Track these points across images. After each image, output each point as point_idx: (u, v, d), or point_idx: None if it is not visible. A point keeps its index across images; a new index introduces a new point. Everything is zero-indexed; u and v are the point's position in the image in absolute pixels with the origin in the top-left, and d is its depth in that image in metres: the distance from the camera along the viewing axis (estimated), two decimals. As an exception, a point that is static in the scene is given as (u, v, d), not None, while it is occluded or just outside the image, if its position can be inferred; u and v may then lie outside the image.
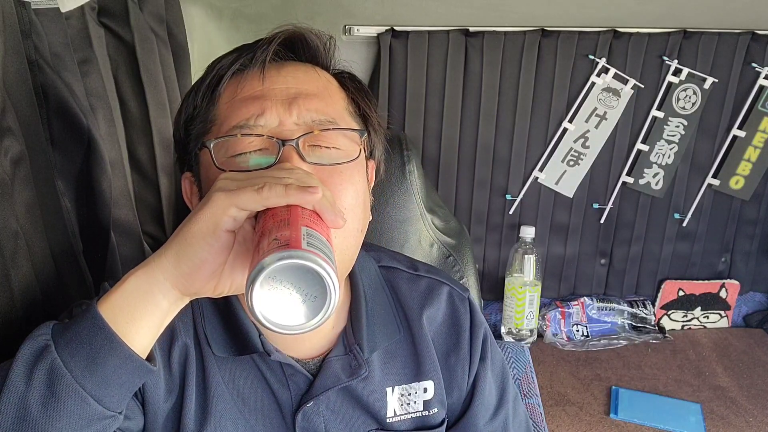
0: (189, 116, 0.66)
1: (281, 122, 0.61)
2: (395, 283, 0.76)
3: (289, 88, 0.63)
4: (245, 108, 0.62)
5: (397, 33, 1.43)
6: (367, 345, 0.69)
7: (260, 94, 0.62)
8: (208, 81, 0.65)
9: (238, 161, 0.60)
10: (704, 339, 1.64)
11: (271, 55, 0.64)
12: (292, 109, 0.61)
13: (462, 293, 0.78)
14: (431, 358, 0.73)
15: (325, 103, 0.64)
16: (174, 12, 1.07)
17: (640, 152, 1.57)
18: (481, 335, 0.77)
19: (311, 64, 0.68)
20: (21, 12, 0.71)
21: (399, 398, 0.72)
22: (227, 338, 0.67)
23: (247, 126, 0.60)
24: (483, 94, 1.49)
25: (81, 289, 0.81)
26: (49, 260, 0.72)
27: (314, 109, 0.62)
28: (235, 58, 0.65)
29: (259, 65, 0.63)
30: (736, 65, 1.51)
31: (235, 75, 0.64)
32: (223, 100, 0.64)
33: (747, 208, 1.64)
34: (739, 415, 1.34)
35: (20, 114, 0.70)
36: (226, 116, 0.63)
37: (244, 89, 0.63)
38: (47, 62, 0.76)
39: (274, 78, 0.63)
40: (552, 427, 1.28)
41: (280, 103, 0.61)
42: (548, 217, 1.61)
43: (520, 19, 1.43)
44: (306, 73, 0.66)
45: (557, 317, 1.63)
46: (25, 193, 0.69)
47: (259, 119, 0.61)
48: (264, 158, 0.60)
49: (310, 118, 0.61)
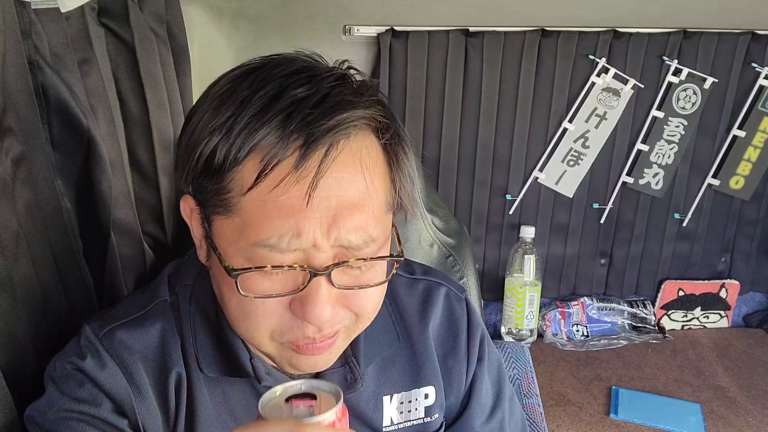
0: (203, 171, 0.56)
1: (316, 245, 0.54)
2: (393, 289, 0.75)
3: (330, 198, 0.53)
4: (279, 223, 0.53)
5: (397, 33, 1.43)
6: (364, 358, 0.68)
7: (299, 209, 0.52)
8: (242, 152, 0.53)
9: (263, 277, 0.55)
10: (704, 339, 1.64)
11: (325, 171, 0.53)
12: (331, 233, 0.54)
13: (459, 294, 0.77)
14: (431, 363, 0.72)
15: (365, 215, 0.55)
16: (174, 12, 1.07)
17: (640, 152, 1.57)
18: (479, 336, 0.76)
19: (361, 136, 0.56)
20: (21, 12, 0.71)
21: (398, 406, 0.71)
22: (219, 359, 0.65)
23: (278, 248, 0.53)
24: (483, 94, 1.49)
25: (81, 289, 0.81)
26: (49, 260, 0.73)
27: (354, 228, 0.54)
28: (276, 147, 0.52)
29: (308, 178, 0.52)
30: (736, 65, 1.51)
31: (278, 164, 0.52)
32: (255, 193, 0.53)
33: (747, 208, 1.64)
34: (739, 415, 1.34)
35: (20, 114, 0.70)
36: (252, 220, 0.54)
37: (284, 193, 0.52)
38: (47, 62, 0.76)
39: (320, 183, 0.53)
40: (552, 427, 1.28)
41: (319, 223, 0.53)
42: (548, 217, 1.61)
43: (520, 19, 1.43)
44: (353, 170, 0.55)
45: (557, 317, 1.63)
46: (26, 193, 0.69)
47: (293, 241, 0.53)
48: (288, 282, 0.56)
49: (348, 242, 0.55)
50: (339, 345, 0.62)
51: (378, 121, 0.57)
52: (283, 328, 0.58)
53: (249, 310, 0.57)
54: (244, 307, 0.57)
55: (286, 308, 0.57)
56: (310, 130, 0.52)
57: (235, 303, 0.58)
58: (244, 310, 0.58)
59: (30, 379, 0.66)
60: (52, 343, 0.70)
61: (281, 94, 0.53)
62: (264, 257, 0.54)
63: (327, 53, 1.73)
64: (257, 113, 0.53)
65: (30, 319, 0.67)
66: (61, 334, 0.72)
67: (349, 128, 0.54)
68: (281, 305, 0.57)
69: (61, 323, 0.73)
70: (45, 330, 0.70)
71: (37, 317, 0.68)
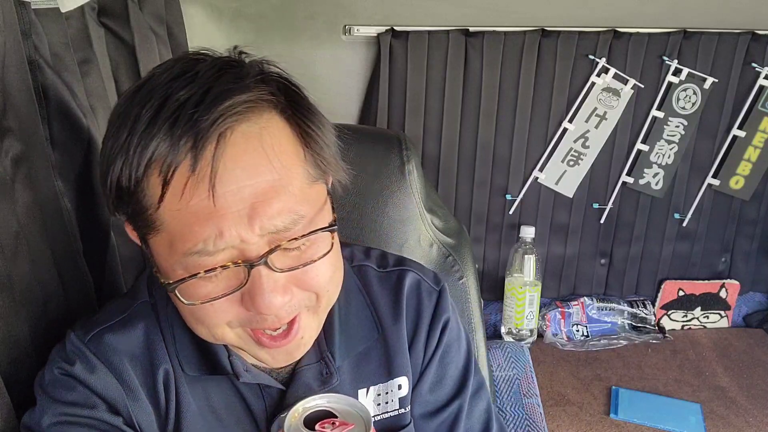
0: (121, 195, 0.55)
1: (243, 239, 0.53)
2: (367, 282, 0.74)
3: (242, 189, 0.52)
4: (199, 228, 0.52)
5: (397, 33, 1.43)
6: (339, 353, 0.68)
7: (212, 210, 0.52)
8: (135, 168, 0.52)
9: (203, 283, 0.55)
10: (704, 339, 1.64)
11: (220, 162, 0.51)
12: (254, 223, 0.52)
13: (433, 286, 0.76)
14: (403, 353, 0.72)
15: (284, 196, 0.54)
16: (174, 12, 1.07)
17: (640, 152, 1.57)
18: (440, 324, 0.74)
19: (258, 117, 0.55)
20: (21, 12, 0.71)
21: (375, 398, 0.71)
22: (198, 357, 0.66)
23: (206, 252, 0.53)
24: (483, 94, 1.49)
25: (81, 289, 0.81)
26: (49, 260, 0.73)
27: (276, 212, 0.53)
28: (169, 149, 0.51)
29: (206, 176, 0.51)
30: (736, 65, 1.51)
31: (178, 172, 0.51)
32: (167, 204, 0.52)
33: (747, 208, 1.64)
34: (739, 415, 1.34)
35: (20, 114, 0.70)
36: (174, 231, 0.53)
37: (192, 198, 0.52)
38: (47, 62, 0.76)
39: (223, 179, 0.51)
40: (552, 427, 1.28)
41: (238, 217, 0.52)
42: (548, 217, 1.61)
43: (520, 19, 1.43)
44: (257, 154, 0.53)
45: (557, 317, 1.63)
46: (26, 194, 0.69)
47: (218, 242, 0.52)
48: (231, 280, 0.55)
49: (273, 227, 0.53)
50: (308, 326, 0.61)
51: (270, 98, 0.55)
52: (241, 319, 0.57)
53: (201, 315, 0.57)
54: (195, 312, 0.57)
55: (237, 304, 0.56)
56: (197, 129, 0.51)
57: (187, 311, 0.58)
58: (196, 315, 0.57)
59: (29, 380, 0.66)
60: (51, 344, 0.70)
61: (166, 102, 0.52)
62: (196, 264, 0.53)
63: (327, 53, 1.74)
64: (146, 127, 0.52)
65: (29, 320, 0.67)
66: (60, 335, 0.72)
67: (235, 116, 0.52)
68: (231, 303, 0.56)
69: (61, 324, 0.73)
70: (44, 330, 0.70)
71: (36, 317, 0.68)
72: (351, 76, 1.51)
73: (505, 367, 1.30)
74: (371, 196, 0.93)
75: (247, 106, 0.53)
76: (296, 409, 0.50)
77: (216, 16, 1.37)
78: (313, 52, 1.46)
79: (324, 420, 0.50)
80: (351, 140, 0.94)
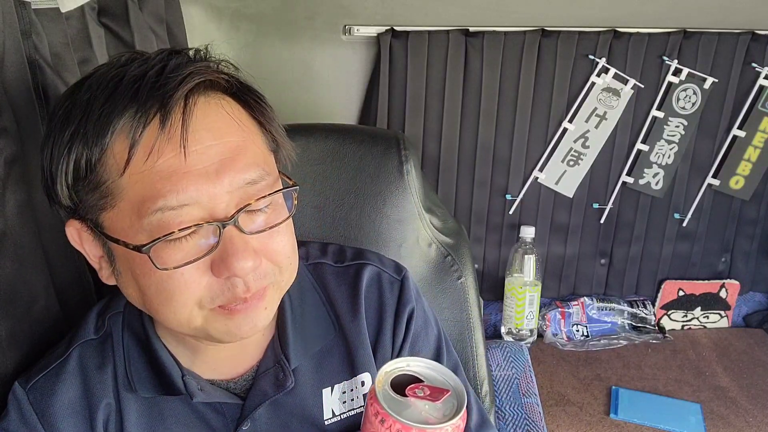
0: (79, 178, 0.55)
1: (212, 196, 0.54)
2: (324, 280, 0.74)
3: (210, 147, 0.54)
4: (164, 184, 0.53)
5: (397, 33, 1.43)
6: (294, 354, 0.68)
7: (180, 165, 0.53)
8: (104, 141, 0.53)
9: (173, 245, 0.54)
10: (704, 339, 1.64)
11: (188, 115, 0.54)
12: (222, 178, 0.54)
13: (394, 276, 0.75)
14: (365, 349, 0.71)
15: (250, 154, 0.57)
16: (174, 12, 1.08)
17: (640, 152, 1.57)
18: (405, 316, 0.73)
19: (214, 94, 0.58)
20: (21, 12, 0.71)
21: (341, 396, 0.70)
22: (152, 379, 0.66)
23: (168, 207, 0.53)
24: (483, 94, 1.49)
25: (80, 289, 0.81)
26: (40, 261, 0.73)
27: (243, 167, 0.56)
28: (136, 114, 0.53)
29: (177, 132, 0.53)
30: (736, 65, 1.51)
31: (144, 136, 0.53)
32: (132, 170, 0.53)
33: (747, 208, 1.64)
34: (739, 415, 1.34)
35: (20, 114, 0.70)
36: (137, 192, 0.53)
37: (159, 158, 0.53)
38: (47, 62, 0.76)
39: (190, 139, 0.53)
40: (552, 427, 1.28)
41: (205, 173, 0.54)
42: (548, 217, 1.61)
43: (520, 19, 1.43)
44: (219, 117, 0.57)
45: (557, 317, 1.63)
46: (18, 194, 0.69)
47: (182, 195, 0.53)
48: (200, 243, 0.55)
49: (243, 182, 0.56)
50: (271, 299, 0.61)
51: (223, 78, 0.59)
52: (212, 293, 0.57)
53: (171, 288, 0.56)
54: (165, 286, 0.56)
55: (207, 273, 0.56)
56: (162, 94, 0.53)
57: (155, 288, 0.56)
58: (166, 289, 0.56)
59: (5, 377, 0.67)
60: (34, 344, 0.71)
61: (122, 80, 0.54)
62: (161, 223, 0.53)
63: (327, 53, 1.75)
64: (106, 102, 0.53)
65: (9, 319, 0.67)
66: (43, 333, 0.73)
67: (195, 87, 0.55)
68: (201, 272, 0.56)
69: (46, 323, 0.73)
70: (27, 329, 0.70)
71: (17, 317, 0.68)
72: (351, 76, 1.51)
73: (504, 367, 1.30)
74: (370, 196, 0.93)
75: (204, 78, 0.56)
76: (380, 377, 0.50)
77: (216, 16, 1.37)
78: (313, 52, 1.46)
79: (412, 385, 0.50)
80: (350, 141, 0.94)
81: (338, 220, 0.93)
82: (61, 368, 0.66)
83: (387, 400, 0.48)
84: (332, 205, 0.93)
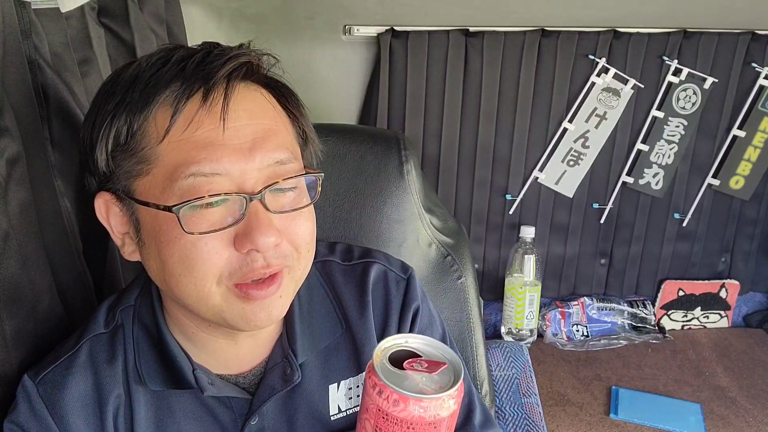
0: (119, 146, 0.59)
1: (243, 170, 0.57)
2: (332, 277, 0.75)
3: (245, 126, 0.58)
4: (200, 153, 0.56)
5: (397, 33, 1.43)
6: (302, 349, 0.68)
7: (217, 138, 0.56)
8: (149, 110, 0.57)
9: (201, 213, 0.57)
10: (704, 339, 1.64)
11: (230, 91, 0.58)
12: (254, 155, 0.58)
13: (400, 275, 0.76)
14: (371, 346, 0.72)
15: (281, 137, 0.61)
16: (174, 12, 1.08)
17: (640, 152, 1.57)
18: (410, 314, 0.74)
19: (254, 84, 0.62)
20: (21, 12, 0.71)
21: (347, 392, 0.71)
22: (162, 373, 0.66)
23: (200, 173, 0.56)
24: (483, 94, 1.49)
25: (80, 289, 0.81)
26: (43, 260, 0.72)
27: (274, 148, 0.59)
28: (182, 89, 0.57)
29: (218, 105, 0.57)
30: (736, 65, 1.51)
31: (185, 109, 0.57)
32: (170, 138, 0.57)
33: (747, 208, 1.64)
34: (739, 415, 1.34)
35: (20, 114, 0.70)
36: (174, 159, 0.56)
37: (198, 129, 0.56)
38: (47, 62, 0.76)
39: (229, 115, 0.57)
40: (552, 427, 1.28)
41: (239, 148, 0.57)
42: (548, 217, 1.61)
43: (520, 19, 1.43)
44: (256, 103, 0.61)
45: (557, 317, 1.63)
46: (21, 194, 0.69)
47: (215, 165, 0.56)
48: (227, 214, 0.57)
49: (272, 160, 0.59)
50: (287, 287, 0.62)
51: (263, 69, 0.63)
52: (231, 268, 0.58)
53: (193, 257, 0.57)
54: (188, 254, 0.57)
55: (229, 247, 0.57)
56: (207, 72, 0.57)
57: (178, 256, 0.57)
58: (189, 257, 0.57)
59: (11, 377, 0.67)
60: (37, 341, 0.71)
61: (169, 60, 0.58)
62: (196, 188, 0.56)
63: (327, 53, 1.74)
64: (152, 76, 0.58)
65: (12, 318, 0.67)
66: (47, 333, 0.73)
67: (236, 72, 0.59)
68: (224, 244, 0.57)
69: (51, 322, 0.73)
70: (32, 328, 0.70)
71: (22, 317, 0.68)
72: (351, 76, 1.51)
73: (504, 367, 1.30)
74: (370, 196, 0.93)
75: (247, 59, 0.60)
76: (378, 352, 0.50)
77: (216, 16, 1.37)
78: (313, 52, 1.46)
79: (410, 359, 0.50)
80: (350, 141, 0.94)
81: (338, 220, 0.93)
82: (71, 361, 0.66)
83: (385, 373, 0.49)
84: (332, 205, 0.93)
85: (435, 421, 0.47)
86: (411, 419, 0.47)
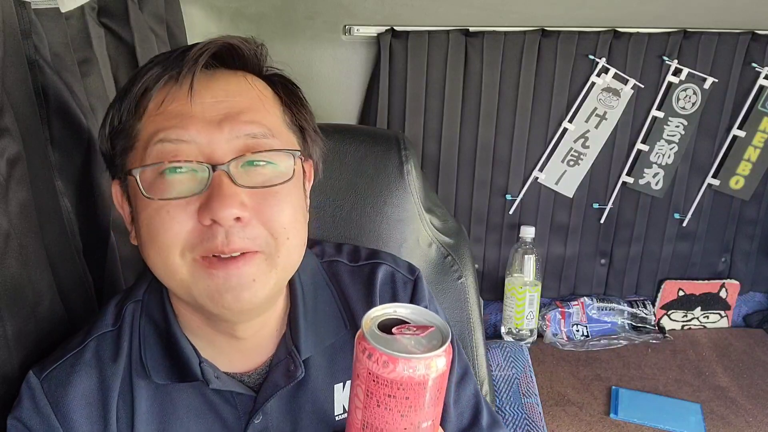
0: (113, 129, 0.63)
1: (211, 140, 0.58)
2: (339, 277, 0.75)
3: (219, 102, 0.60)
4: (169, 122, 0.59)
5: (397, 33, 1.43)
6: (305, 345, 0.68)
7: (187, 110, 0.59)
8: (133, 93, 0.61)
9: (166, 181, 0.58)
10: (704, 339, 1.64)
11: (200, 68, 0.60)
12: (224, 126, 0.58)
13: (407, 276, 0.76)
14: None
15: (259, 115, 0.61)
16: (174, 12, 1.08)
17: (640, 152, 1.57)
18: None
19: (242, 72, 0.64)
20: (21, 12, 0.71)
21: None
22: (168, 364, 0.66)
23: (168, 140, 0.58)
24: (483, 94, 1.49)
25: (80, 289, 0.81)
26: (43, 260, 0.73)
27: (248, 120, 0.60)
28: (161, 71, 0.61)
29: (187, 80, 0.59)
30: (736, 65, 1.51)
31: (161, 88, 0.61)
32: (148, 114, 0.61)
33: (747, 208, 1.64)
34: (739, 415, 1.34)
35: (20, 114, 0.70)
36: (148, 131, 0.60)
37: (171, 103, 0.60)
38: (47, 62, 0.76)
39: (203, 92, 0.60)
40: (552, 427, 1.28)
41: (209, 120, 0.59)
42: (548, 217, 1.61)
43: (520, 19, 1.43)
44: (237, 84, 0.62)
45: (557, 317, 1.63)
46: (21, 194, 0.69)
47: (184, 134, 0.58)
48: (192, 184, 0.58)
49: (243, 132, 0.59)
50: (263, 274, 0.60)
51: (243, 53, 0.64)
52: (193, 240, 0.57)
53: (156, 225, 0.58)
54: (152, 222, 0.58)
55: (193, 218, 0.57)
56: (186, 57, 0.60)
57: (145, 226, 0.59)
58: (153, 226, 0.58)
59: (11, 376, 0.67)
60: (38, 342, 0.71)
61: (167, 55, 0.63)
62: (162, 154, 0.58)
63: (327, 53, 1.74)
64: (144, 66, 0.62)
65: (13, 318, 0.67)
66: (48, 333, 0.73)
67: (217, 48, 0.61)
68: (188, 215, 0.57)
69: (51, 322, 0.73)
70: (33, 329, 0.70)
71: (23, 317, 0.68)
72: (351, 76, 1.51)
73: (504, 367, 1.30)
74: (370, 196, 0.93)
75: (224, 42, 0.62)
76: (366, 320, 0.51)
77: (216, 16, 1.37)
78: (313, 52, 1.46)
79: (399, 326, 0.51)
80: (350, 140, 0.94)
81: (338, 220, 0.93)
82: (77, 359, 0.66)
83: (374, 337, 0.50)
84: (332, 205, 0.93)
85: (424, 381, 0.48)
86: (401, 380, 0.48)
